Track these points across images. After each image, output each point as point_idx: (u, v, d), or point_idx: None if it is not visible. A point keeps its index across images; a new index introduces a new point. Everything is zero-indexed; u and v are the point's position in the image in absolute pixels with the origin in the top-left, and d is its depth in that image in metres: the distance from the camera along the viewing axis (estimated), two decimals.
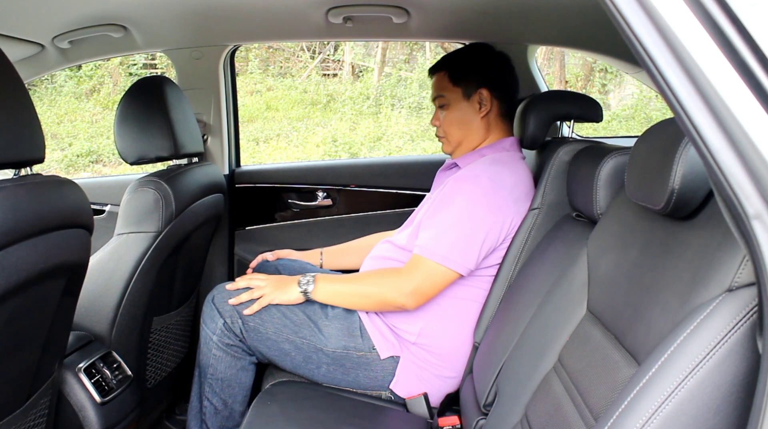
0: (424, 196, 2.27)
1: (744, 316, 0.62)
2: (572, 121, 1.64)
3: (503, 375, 1.21)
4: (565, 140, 1.53)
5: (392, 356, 1.47)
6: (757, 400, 0.56)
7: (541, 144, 1.63)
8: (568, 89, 7.95)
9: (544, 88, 2.18)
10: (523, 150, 1.77)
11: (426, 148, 7.34)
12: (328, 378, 1.48)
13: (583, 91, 8.09)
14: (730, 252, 0.67)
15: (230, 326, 1.44)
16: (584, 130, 7.41)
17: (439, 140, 1.64)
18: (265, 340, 1.45)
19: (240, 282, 1.48)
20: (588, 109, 1.60)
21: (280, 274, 1.79)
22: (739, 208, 0.55)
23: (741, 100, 0.53)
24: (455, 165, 1.60)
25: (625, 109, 7.88)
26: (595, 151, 1.23)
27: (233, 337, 1.45)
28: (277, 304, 1.46)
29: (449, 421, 1.41)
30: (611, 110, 8.03)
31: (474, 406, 1.30)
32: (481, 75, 1.55)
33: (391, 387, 1.47)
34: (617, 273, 0.94)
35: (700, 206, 0.78)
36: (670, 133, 0.79)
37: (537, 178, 1.53)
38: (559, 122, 2.22)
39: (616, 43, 1.86)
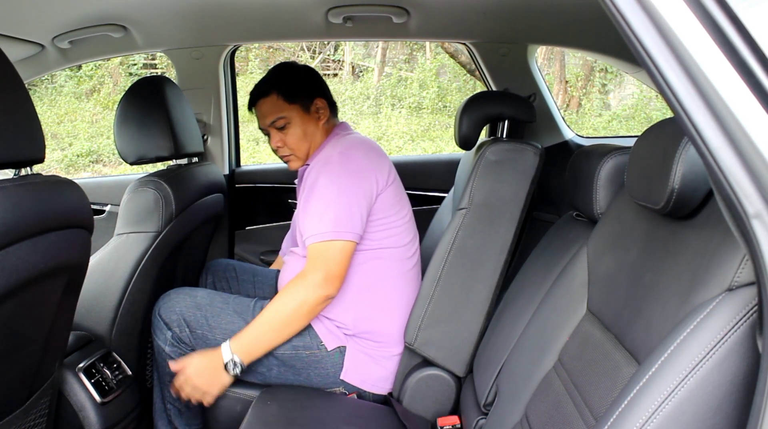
0: (425, 195, 2.28)
1: (744, 316, 0.62)
2: (505, 122, 1.61)
3: (503, 374, 1.21)
4: (494, 140, 1.52)
5: (338, 347, 1.48)
6: (757, 400, 0.56)
7: (476, 145, 1.63)
8: (567, 88, 7.95)
9: (544, 88, 2.19)
10: (463, 151, 1.76)
11: (426, 148, 7.34)
12: (280, 380, 1.49)
13: (583, 91, 8.09)
14: (729, 251, 0.67)
15: (179, 336, 1.45)
16: (584, 130, 7.42)
17: (284, 160, 1.63)
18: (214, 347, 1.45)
19: (174, 366, 1.42)
20: (520, 110, 1.59)
21: (236, 273, 1.82)
22: (739, 208, 0.55)
23: (741, 99, 0.53)
24: (307, 165, 1.61)
25: (625, 109, 7.87)
26: (595, 151, 1.23)
27: (184, 346, 1.46)
28: (223, 307, 1.47)
29: (449, 421, 1.41)
30: (611, 110, 8.03)
31: (474, 405, 1.30)
32: (310, 87, 1.59)
33: (342, 378, 1.48)
34: (617, 273, 0.94)
35: (700, 206, 0.78)
36: (670, 133, 0.79)
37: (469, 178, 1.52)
38: (562, 124, 2.22)
39: (616, 43, 1.86)
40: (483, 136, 2.06)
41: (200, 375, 1.39)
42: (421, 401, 1.47)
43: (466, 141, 1.59)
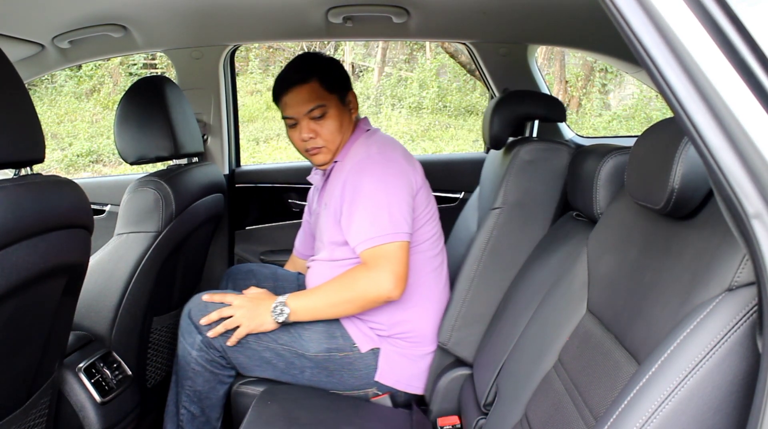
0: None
1: (744, 316, 0.62)
2: (535, 122, 1.62)
3: (503, 374, 1.21)
4: (527, 140, 1.52)
5: (372, 349, 1.48)
6: (757, 400, 0.56)
7: (507, 144, 1.63)
8: (567, 88, 7.94)
9: (544, 88, 2.19)
10: (491, 151, 1.77)
11: (426, 148, 7.34)
12: (313, 382, 1.48)
13: (583, 91, 8.09)
14: (729, 251, 0.67)
15: (210, 341, 1.43)
16: (584, 129, 7.42)
17: (311, 154, 1.55)
18: (245, 350, 1.44)
19: (216, 297, 1.45)
20: (551, 109, 1.60)
21: (257, 279, 1.78)
22: (739, 208, 0.55)
23: (741, 99, 0.53)
24: (334, 162, 1.58)
25: (625, 109, 7.87)
26: (595, 151, 1.23)
27: (213, 352, 1.44)
28: None
29: (449, 420, 1.41)
30: (611, 110, 8.03)
31: (474, 405, 1.30)
32: (346, 79, 1.59)
33: (377, 379, 1.48)
34: (617, 273, 0.94)
35: (700, 206, 0.78)
36: (670, 133, 0.79)
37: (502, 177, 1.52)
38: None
39: (616, 43, 1.86)
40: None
41: (247, 306, 1.41)
42: (453, 401, 1.47)
43: (497, 141, 1.59)
